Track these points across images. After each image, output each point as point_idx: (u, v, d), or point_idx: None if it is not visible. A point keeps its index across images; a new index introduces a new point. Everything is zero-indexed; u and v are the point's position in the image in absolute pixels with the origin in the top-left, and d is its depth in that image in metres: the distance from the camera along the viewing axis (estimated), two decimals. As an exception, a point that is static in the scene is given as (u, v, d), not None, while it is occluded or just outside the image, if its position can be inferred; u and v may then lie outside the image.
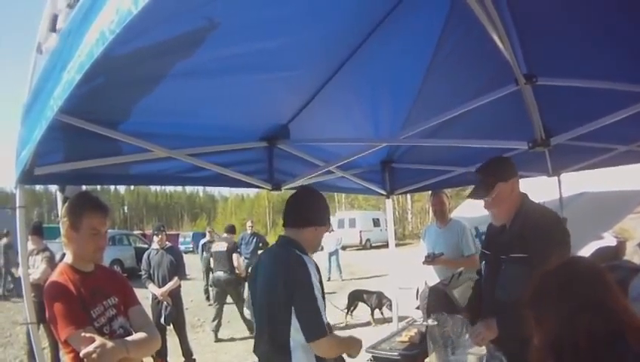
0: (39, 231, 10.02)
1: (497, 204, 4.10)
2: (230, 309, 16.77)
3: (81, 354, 3.01)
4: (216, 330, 12.90)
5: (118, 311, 3.47)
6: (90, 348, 2.98)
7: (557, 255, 3.63)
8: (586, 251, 5.75)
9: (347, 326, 13.36)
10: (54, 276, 3.34)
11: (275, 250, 3.90)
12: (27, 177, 3.50)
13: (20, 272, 3.86)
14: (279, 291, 3.48)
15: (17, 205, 3.60)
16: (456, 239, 7.14)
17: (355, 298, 13.83)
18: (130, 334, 3.44)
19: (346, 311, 13.94)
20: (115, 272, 3.97)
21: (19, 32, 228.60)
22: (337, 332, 3.88)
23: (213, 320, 12.88)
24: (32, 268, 8.96)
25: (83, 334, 3.05)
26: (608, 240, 11.20)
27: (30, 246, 9.19)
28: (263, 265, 3.86)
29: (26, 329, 9.67)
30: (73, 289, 3.25)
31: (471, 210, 8.84)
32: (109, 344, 3.08)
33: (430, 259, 7.10)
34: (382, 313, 13.35)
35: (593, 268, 2.20)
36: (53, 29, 3.38)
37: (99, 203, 3.46)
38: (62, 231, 3.43)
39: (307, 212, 3.83)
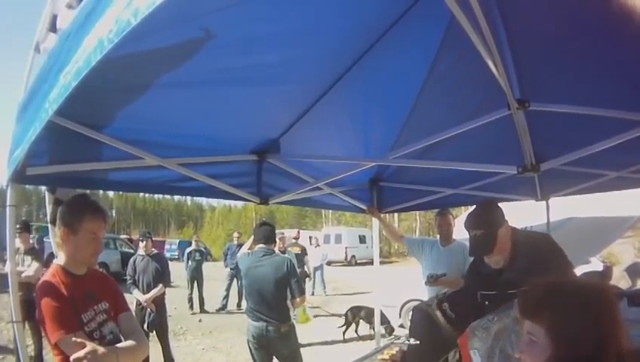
0: (28, 229, 9.96)
1: (500, 251, 4.00)
2: (213, 318, 16.74)
3: (71, 359, 2.96)
4: None
5: (108, 317, 3.44)
6: (81, 353, 2.94)
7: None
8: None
9: (325, 343, 13.27)
10: (46, 277, 3.29)
11: (267, 254, 6.75)
12: (19, 176, 3.49)
13: (7, 269, 3.83)
14: (285, 274, 6.57)
15: (8, 203, 3.60)
16: (460, 259, 7.01)
17: (354, 314, 13.58)
18: (119, 340, 3.42)
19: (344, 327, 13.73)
20: (107, 277, 3.89)
21: (16, 30, 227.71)
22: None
23: None
24: (22, 266, 8.91)
25: (73, 339, 3.01)
26: (595, 264, 11.21)
27: (18, 244, 9.12)
28: (264, 262, 6.67)
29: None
30: (65, 292, 3.21)
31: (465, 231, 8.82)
32: (100, 350, 3.04)
33: (432, 280, 7.01)
34: (373, 328, 13.05)
35: (616, 294, 2.09)
36: (52, 29, 3.38)
37: (99, 207, 3.45)
38: (57, 232, 3.41)
39: (273, 234, 7.05)
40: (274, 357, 6.86)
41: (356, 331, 13.81)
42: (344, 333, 13.67)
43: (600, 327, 1.88)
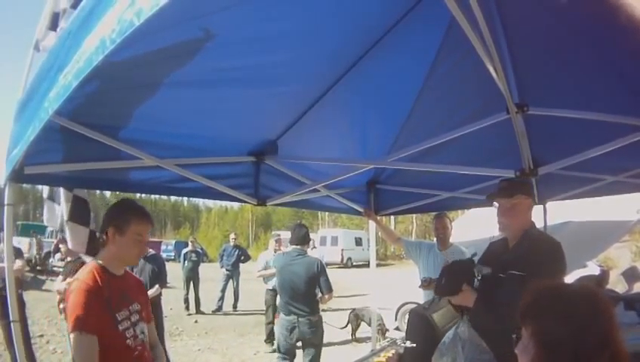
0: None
1: (512, 215, 4.08)
2: (209, 319, 16.68)
3: None
4: None
5: (140, 317, 3.60)
6: None
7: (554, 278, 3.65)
8: (568, 280, 5.75)
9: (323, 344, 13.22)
10: (84, 273, 3.36)
11: (300, 254, 7.42)
12: (17, 176, 3.49)
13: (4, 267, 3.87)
14: (315, 273, 7.27)
15: (5, 203, 3.60)
16: None
17: (357, 317, 13.41)
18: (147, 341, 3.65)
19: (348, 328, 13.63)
20: (140, 281, 4.14)
21: (15, 29, 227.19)
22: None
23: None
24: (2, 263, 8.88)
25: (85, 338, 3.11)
26: (592, 268, 11.18)
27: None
28: (297, 261, 7.34)
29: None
30: (102, 290, 3.31)
31: (462, 234, 8.82)
32: None
33: (427, 284, 6.98)
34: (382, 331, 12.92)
35: (609, 301, 2.05)
36: (52, 27, 3.38)
37: (146, 212, 3.65)
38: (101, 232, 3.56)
39: (307, 236, 7.56)
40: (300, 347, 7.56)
41: (353, 334, 13.69)
42: (353, 333, 13.56)
43: (581, 336, 1.89)
